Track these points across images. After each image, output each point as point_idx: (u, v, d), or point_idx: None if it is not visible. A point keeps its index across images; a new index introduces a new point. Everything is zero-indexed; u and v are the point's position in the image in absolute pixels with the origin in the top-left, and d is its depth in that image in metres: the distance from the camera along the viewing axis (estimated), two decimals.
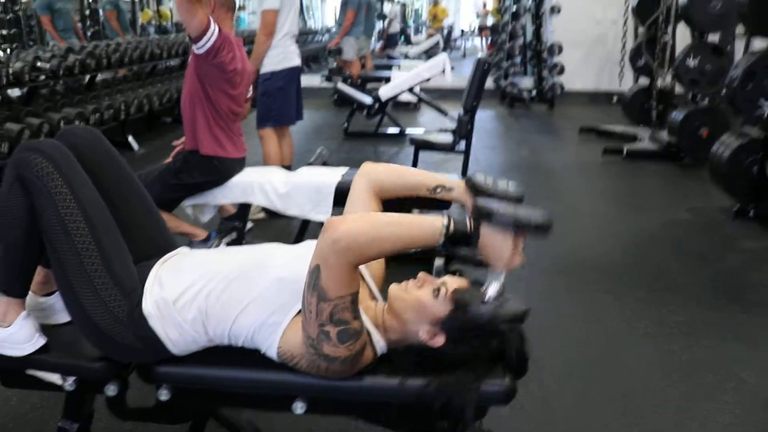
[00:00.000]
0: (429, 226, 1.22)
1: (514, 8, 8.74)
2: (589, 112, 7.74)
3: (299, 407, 1.42)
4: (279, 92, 3.97)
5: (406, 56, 12.08)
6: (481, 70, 4.14)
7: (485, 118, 7.60)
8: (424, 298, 1.38)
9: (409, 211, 3.08)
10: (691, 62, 5.25)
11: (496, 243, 1.21)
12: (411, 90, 6.28)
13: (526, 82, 8.80)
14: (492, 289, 1.25)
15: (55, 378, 1.49)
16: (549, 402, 2.14)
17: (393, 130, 6.64)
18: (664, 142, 5.63)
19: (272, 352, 1.36)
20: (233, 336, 1.39)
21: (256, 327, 1.35)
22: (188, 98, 2.92)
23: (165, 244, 1.60)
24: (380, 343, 1.39)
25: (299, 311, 1.33)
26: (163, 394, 1.45)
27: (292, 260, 1.43)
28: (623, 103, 6.91)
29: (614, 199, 4.75)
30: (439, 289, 1.38)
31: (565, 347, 2.50)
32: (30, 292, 1.52)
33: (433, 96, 7.13)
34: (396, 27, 13.46)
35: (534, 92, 8.60)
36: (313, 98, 7.99)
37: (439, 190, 1.47)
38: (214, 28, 2.69)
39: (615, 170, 5.39)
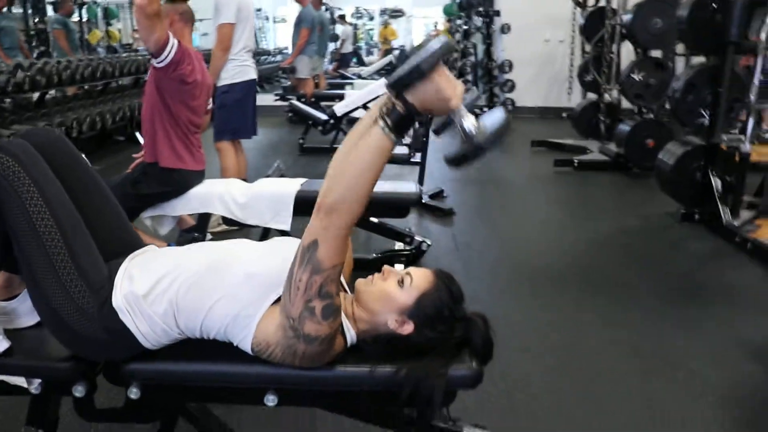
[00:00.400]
0: (375, 136, 1.21)
1: (465, 27, 8.94)
2: (539, 127, 7.93)
3: (270, 400, 1.44)
4: (236, 105, 3.98)
5: (359, 76, 12.18)
6: None
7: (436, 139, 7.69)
8: (389, 289, 1.42)
9: (367, 220, 3.15)
10: (636, 77, 5.47)
11: (426, 92, 1.18)
12: (365, 107, 6.35)
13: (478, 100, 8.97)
14: (467, 125, 1.20)
15: (20, 381, 1.46)
16: (512, 393, 2.20)
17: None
18: (613, 153, 5.82)
19: (246, 344, 1.37)
20: (205, 329, 1.39)
21: (229, 320, 1.36)
22: (148, 111, 2.92)
23: (132, 242, 1.61)
24: (351, 332, 1.42)
25: (274, 301, 1.35)
26: (133, 393, 1.44)
27: (261, 255, 1.46)
28: (572, 117, 7.11)
29: (567, 208, 4.88)
30: (403, 279, 1.42)
31: (526, 341, 2.56)
32: None
33: None
34: (348, 47, 13.57)
35: (486, 109, 8.76)
36: (267, 116, 7.98)
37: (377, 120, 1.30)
38: (173, 42, 2.71)
39: (567, 181, 5.54)
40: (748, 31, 3.83)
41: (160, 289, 1.39)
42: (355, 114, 7.30)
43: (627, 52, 6.23)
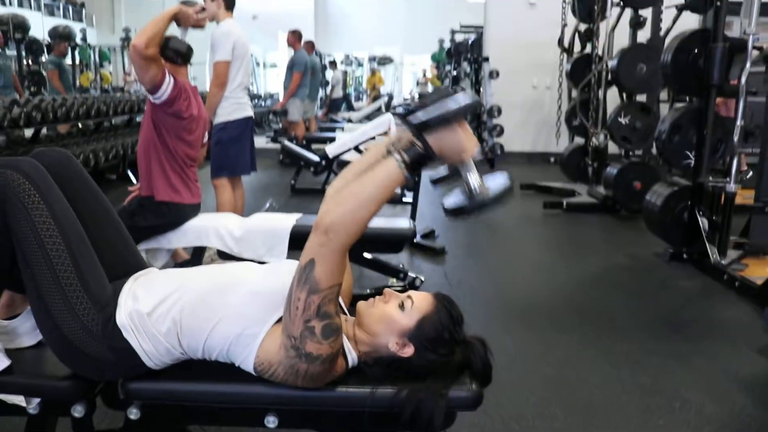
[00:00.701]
0: (389, 169, 1.27)
1: (454, 73, 9.12)
2: (528, 171, 8.04)
3: (271, 421, 1.44)
4: (233, 142, 4.02)
5: (350, 120, 12.34)
6: None
7: (427, 182, 7.79)
8: (391, 311, 1.44)
9: (361, 255, 3.17)
10: (622, 120, 5.59)
11: (447, 142, 1.25)
12: (357, 149, 6.42)
13: None
14: (472, 181, 1.28)
15: (19, 400, 1.46)
16: (508, 424, 2.19)
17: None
18: (601, 195, 5.91)
19: (248, 364, 1.38)
20: (208, 348, 1.40)
21: (232, 339, 1.37)
22: (143, 146, 2.95)
23: (136, 264, 1.62)
24: (352, 354, 1.44)
25: (276, 321, 1.37)
26: (133, 413, 1.44)
27: (264, 276, 1.48)
28: (561, 162, 7.23)
29: (557, 248, 4.93)
30: (404, 303, 1.45)
31: (520, 373, 2.57)
32: None
33: None
34: (339, 92, 13.78)
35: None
36: (259, 158, 7.95)
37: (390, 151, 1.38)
38: (168, 81, 2.77)
39: (556, 222, 5.61)
40: (729, 75, 3.95)
41: (164, 308, 1.40)
42: (346, 156, 7.41)
43: (612, 97, 6.38)
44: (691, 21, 5.86)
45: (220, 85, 3.91)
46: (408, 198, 4.49)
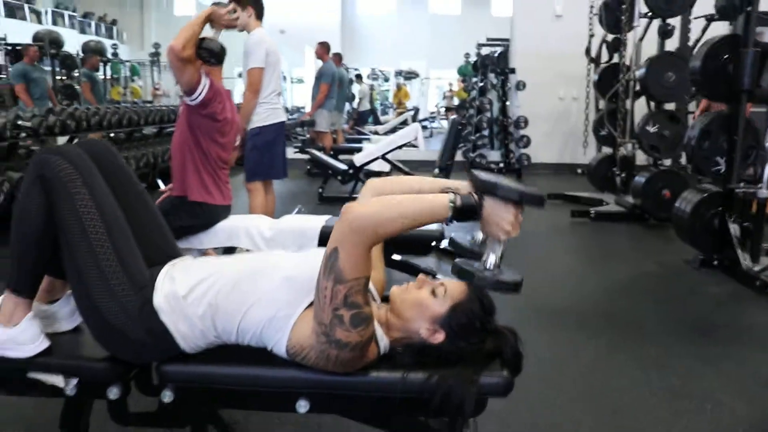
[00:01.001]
0: (438, 202, 1.30)
1: (481, 84, 9.14)
2: (555, 182, 8.00)
3: (302, 406, 1.46)
4: (267, 147, 4.07)
5: (376, 132, 12.41)
6: (456, 129, 4.34)
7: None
8: (423, 298, 1.46)
9: (389, 256, 3.19)
10: (651, 129, 5.55)
11: (498, 213, 1.29)
12: (384, 157, 6.46)
13: (494, 156, 9.14)
14: (491, 259, 1.32)
15: (57, 380, 1.49)
16: (537, 424, 2.18)
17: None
18: (630, 204, 5.87)
19: (281, 347, 1.40)
20: (242, 332, 1.43)
21: (265, 322, 1.40)
22: (178, 146, 3.00)
23: (173, 252, 1.66)
24: (384, 340, 1.45)
25: (309, 305, 1.39)
26: (167, 396, 1.46)
27: (300, 263, 1.50)
28: (588, 172, 7.18)
29: (585, 256, 4.90)
30: (436, 290, 1.46)
31: (549, 373, 2.55)
32: (34, 301, 1.55)
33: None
34: (365, 105, 13.87)
35: (501, 165, 8.89)
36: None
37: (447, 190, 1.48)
38: (204, 83, 2.83)
39: (584, 231, 5.58)
40: (761, 80, 3.92)
41: (200, 291, 1.44)
42: (373, 165, 7.46)
43: (640, 107, 6.35)
44: (719, 31, 5.82)
45: (255, 92, 3.97)
46: None
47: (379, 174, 8.30)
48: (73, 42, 11.97)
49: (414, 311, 1.45)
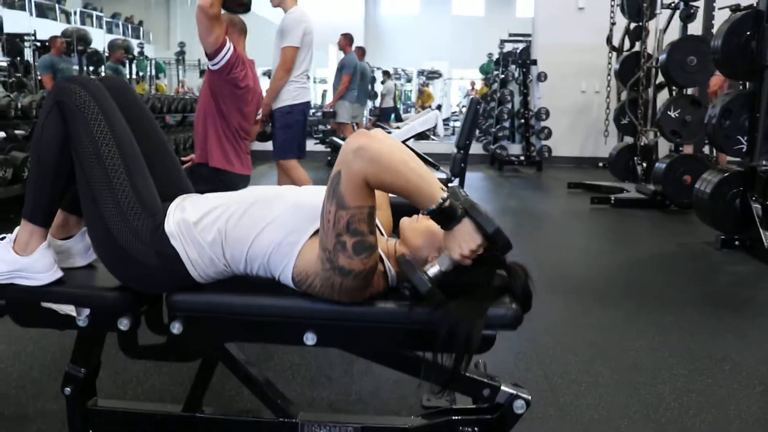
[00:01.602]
0: (434, 190, 1.28)
1: (502, 76, 9.11)
2: (576, 174, 7.95)
3: (310, 338, 1.46)
4: (298, 124, 4.07)
5: (398, 128, 12.43)
6: (474, 108, 4.32)
7: (475, 178, 7.80)
8: (433, 226, 1.45)
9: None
10: (672, 114, 5.49)
11: (467, 235, 1.29)
12: (405, 144, 6.46)
13: (515, 149, 9.11)
14: (435, 270, 1.34)
15: (69, 310, 1.52)
16: (551, 379, 2.18)
17: None
18: (650, 191, 5.81)
19: (287, 274, 1.41)
20: (250, 259, 1.44)
21: (273, 247, 1.41)
22: (201, 113, 3.04)
23: (186, 188, 1.68)
24: (392, 272, 1.45)
25: (315, 232, 1.39)
26: (176, 327, 1.48)
27: (309, 192, 1.52)
28: (609, 162, 7.13)
29: (605, 238, 4.87)
30: None
31: (564, 340, 2.54)
32: (48, 235, 1.57)
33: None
34: (389, 102, 13.86)
35: (522, 157, 8.85)
36: (308, 159, 8.14)
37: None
38: (229, 46, 2.85)
39: (604, 216, 5.53)
40: None
41: (210, 218, 1.45)
42: None
43: (661, 96, 6.29)
44: None
45: (287, 71, 3.97)
46: (455, 183, 4.47)
47: None
48: (100, 41, 12.17)
49: (423, 239, 1.45)
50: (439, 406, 1.82)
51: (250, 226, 1.43)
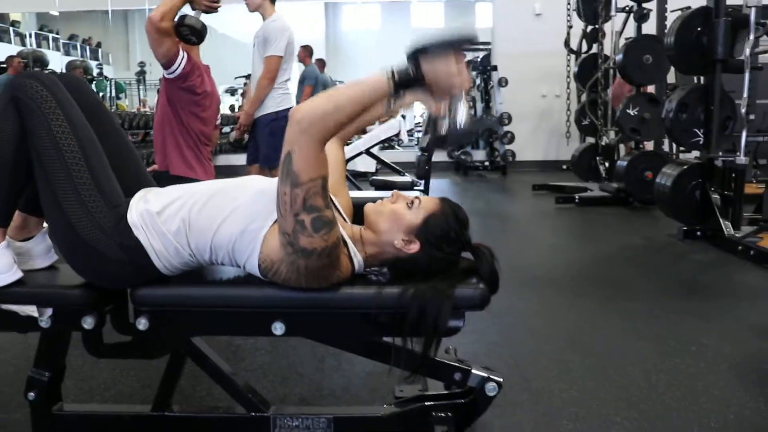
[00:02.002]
0: (377, 80, 1.30)
1: None
2: (540, 176, 8.03)
3: (278, 328, 1.44)
4: (283, 131, 4.03)
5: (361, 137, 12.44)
6: None
7: (441, 184, 7.84)
8: (398, 209, 1.46)
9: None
10: (631, 112, 5.61)
11: (440, 70, 1.28)
12: (369, 153, 6.47)
13: (479, 154, 9.19)
14: (460, 113, 1.31)
15: (31, 310, 1.48)
16: (523, 368, 2.19)
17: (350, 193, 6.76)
18: (613, 189, 5.91)
19: (253, 262, 1.39)
20: (215, 248, 1.42)
21: (237, 235, 1.39)
22: (159, 122, 3.01)
23: (147, 182, 1.65)
24: (358, 256, 1.45)
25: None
26: (141, 324, 1.45)
27: (271, 180, 1.51)
28: (572, 162, 7.23)
29: (570, 234, 4.93)
30: (413, 202, 1.47)
31: (534, 330, 2.56)
32: (6, 237, 1.53)
33: (386, 171, 7.33)
34: None
35: (487, 163, 8.93)
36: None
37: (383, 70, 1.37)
38: (183, 55, 2.83)
39: (569, 214, 5.60)
40: (733, 51, 3.98)
41: (174, 208, 1.43)
42: (360, 165, 7.52)
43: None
44: None
45: (272, 80, 3.93)
46: (420, 187, 4.50)
47: (365, 174, 8.33)
48: (57, 62, 11.98)
49: (389, 223, 1.45)
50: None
51: (214, 214, 1.42)
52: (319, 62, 8.69)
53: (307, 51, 8.13)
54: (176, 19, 2.83)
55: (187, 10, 2.95)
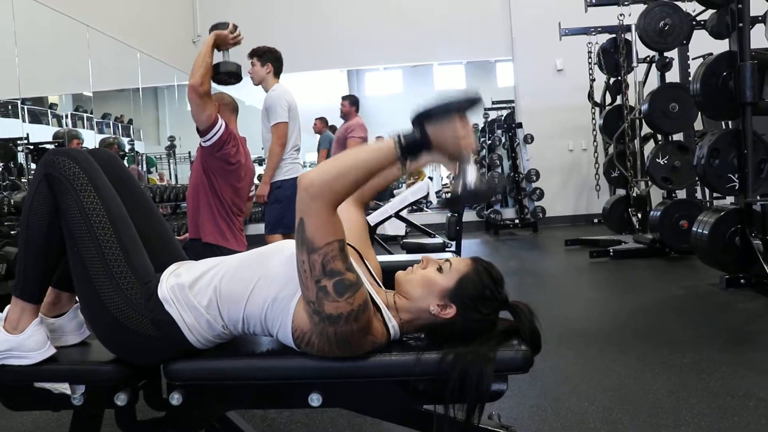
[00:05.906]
0: (384, 145, 1.30)
1: (489, 142, 9.24)
2: (572, 231, 7.95)
3: (315, 399, 1.40)
4: (287, 200, 4.07)
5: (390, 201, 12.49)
6: None
7: (472, 244, 7.78)
8: (430, 274, 1.43)
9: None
10: (661, 161, 5.54)
11: (445, 134, 1.27)
12: (399, 216, 6.47)
13: (509, 212, 9.14)
14: (470, 174, 1.29)
15: (64, 388, 1.46)
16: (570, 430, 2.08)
17: (381, 258, 6.74)
18: (648, 240, 5.79)
19: (286, 331, 1.36)
20: (248, 318, 1.40)
21: (269, 303, 1.37)
22: (193, 189, 3.04)
23: (180, 257, 1.65)
24: (392, 322, 1.41)
25: None
26: (175, 399, 1.42)
27: None
28: (604, 215, 7.14)
29: (608, 287, 4.81)
30: (442, 266, 1.44)
31: (579, 389, 2.45)
32: (39, 314, 1.53)
33: (416, 233, 7.30)
34: None
35: (517, 220, 8.87)
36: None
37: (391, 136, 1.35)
38: (221, 123, 2.88)
39: (604, 268, 5.48)
40: (763, 92, 3.93)
41: (205, 281, 1.42)
42: (389, 229, 7.50)
43: (647, 145, 6.37)
44: None
45: (282, 146, 4.00)
46: (451, 248, 4.46)
47: (395, 238, 8.31)
48: (91, 140, 12.32)
49: (422, 289, 1.42)
50: None
51: (245, 281, 1.40)
52: (333, 129, 8.85)
53: (322, 122, 8.45)
54: None
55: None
